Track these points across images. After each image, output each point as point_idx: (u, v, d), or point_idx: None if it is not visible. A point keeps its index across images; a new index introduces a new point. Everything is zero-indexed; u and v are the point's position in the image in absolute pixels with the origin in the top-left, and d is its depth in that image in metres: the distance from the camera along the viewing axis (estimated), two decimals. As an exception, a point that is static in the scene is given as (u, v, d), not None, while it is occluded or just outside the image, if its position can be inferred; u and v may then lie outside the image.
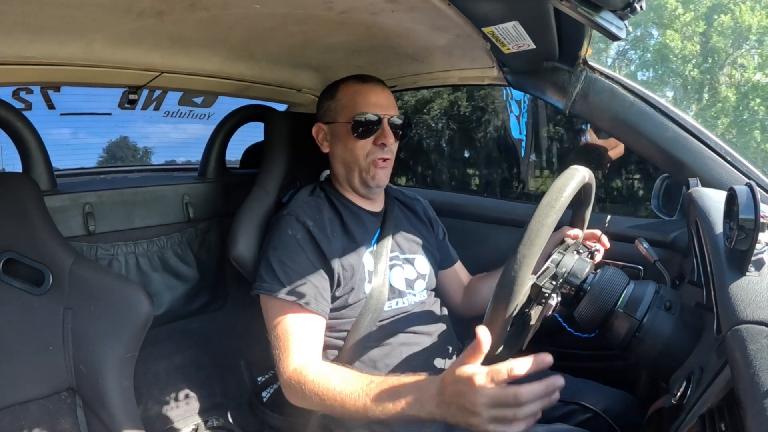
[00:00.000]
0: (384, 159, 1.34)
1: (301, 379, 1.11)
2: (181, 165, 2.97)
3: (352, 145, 1.33)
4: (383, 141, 1.32)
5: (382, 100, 1.35)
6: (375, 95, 1.34)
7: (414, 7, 1.12)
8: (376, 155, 1.33)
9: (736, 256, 0.76)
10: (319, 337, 1.23)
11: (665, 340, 0.95)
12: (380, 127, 1.32)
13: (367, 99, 1.33)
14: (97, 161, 3.48)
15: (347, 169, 1.36)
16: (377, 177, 1.34)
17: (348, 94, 1.36)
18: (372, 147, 1.33)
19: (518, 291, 0.86)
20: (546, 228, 0.86)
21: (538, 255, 0.86)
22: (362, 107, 1.32)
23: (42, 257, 1.17)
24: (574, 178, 0.94)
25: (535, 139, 5.12)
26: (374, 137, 1.32)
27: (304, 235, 1.25)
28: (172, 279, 1.66)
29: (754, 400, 0.55)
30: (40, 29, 1.08)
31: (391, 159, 1.36)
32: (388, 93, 1.38)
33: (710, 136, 1.30)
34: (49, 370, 1.16)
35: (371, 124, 1.31)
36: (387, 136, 1.32)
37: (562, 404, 1.25)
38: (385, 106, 1.34)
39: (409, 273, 1.38)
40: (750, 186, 0.76)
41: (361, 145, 1.32)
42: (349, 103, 1.34)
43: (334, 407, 1.06)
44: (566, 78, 1.35)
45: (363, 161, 1.33)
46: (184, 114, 2.02)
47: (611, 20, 0.90)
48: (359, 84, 1.37)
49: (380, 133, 1.32)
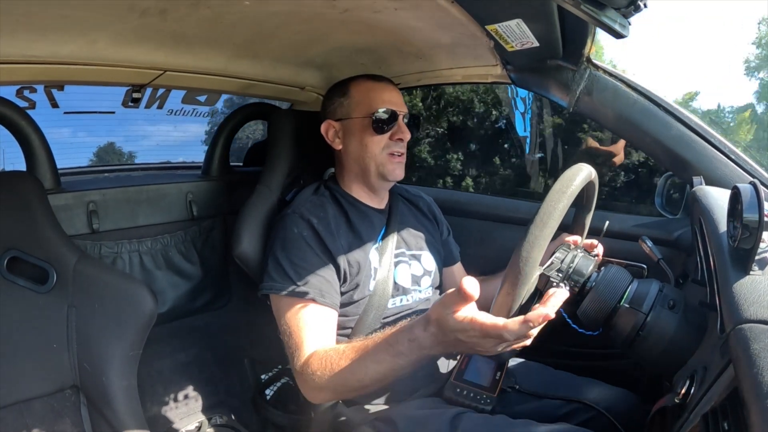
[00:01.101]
0: (400, 153, 1.36)
1: (313, 366, 1.09)
2: (185, 164, 2.97)
3: (368, 140, 1.34)
4: (400, 136, 1.35)
5: (395, 98, 1.38)
6: (389, 93, 1.37)
7: (417, 5, 1.12)
8: (392, 149, 1.35)
9: (740, 255, 0.76)
10: (332, 329, 1.22)
11: (669, 338, 0.95)
12: (396, 123, 1.35)
13: (382, 96, 1.36)
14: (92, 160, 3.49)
15: (362, 164, 1.37)
16: (396, 171, 1.36)
17: (362, 92, 1.37)
18: (388, 141, 1.35)
19: (530, 273, 0.86)
20: (558, 212, 0.87)
21: (549, 238, 0.86)
22: (379, 104, 1.34)
23: (46, 255, 1.18)
24: (583, 170, 0.95)
25: (539, 136, 5.12)
26: (391, 132, 1.34)
27: (310, 233, 1.25)
28: (176, 277, 1.67)
29: (757, 399, 0.55)
30: (44, 28, 1.08)
31: (405, 154, 1.39)
32: (399, 92, 1.41)
33: (714, 135, 1.29)
34: (53, 367, 1.17)
35: (388, 119, 1.34)
36: (404, 131, 1.35)
37: (565, 403, 1.25)
38: (398, 104, 1.37)
39: (415, 269, 1.38)
40: (754, 184, 0.76)
41: (377, 140, 1.34)
42: (364, 99, 1.36)
43: (350, 384, 1.04)
44: (570, 76, 1.35)
45: (380, 155, 1.35)
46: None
47: (615, 18, 0.90)
48: (373, 82, 1.39)
49: (397, 128, 1.35)
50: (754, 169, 1.26)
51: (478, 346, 0.88)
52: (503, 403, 1.26)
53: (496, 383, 1.25)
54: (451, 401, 1.24)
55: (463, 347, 0.90)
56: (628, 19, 0.92)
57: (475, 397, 1.23)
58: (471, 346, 0.89)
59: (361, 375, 1.02)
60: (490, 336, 0.85)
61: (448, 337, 0.89)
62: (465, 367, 1.30)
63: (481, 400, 1.22)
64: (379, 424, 1.19)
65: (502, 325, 0.83)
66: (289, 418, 1.48)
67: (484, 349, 0.89)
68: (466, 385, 1.25)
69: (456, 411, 1.17)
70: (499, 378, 1.26)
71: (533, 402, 1.28)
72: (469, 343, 0.88)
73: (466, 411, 1.18)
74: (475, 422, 1.13)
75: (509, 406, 1.27)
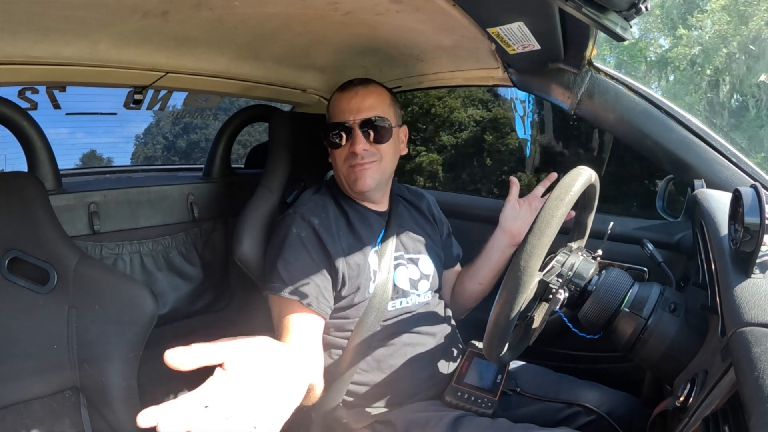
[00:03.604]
0: (360, 163, 1.30)
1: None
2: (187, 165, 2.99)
3: (332, 154, 1.34)
4: (353, 149, 1.29)
5: (354, 105, 1.30)
6: (347, 101, 1.32)
7: (419, 7, 1.12)
8: (350, 161, 1.30)
9: (741, 258, 0.76)
10: (317, 336, 1.22)
11: (669, 341, 0.95)
12: (351, 134, 1.30)
13: (339, 107, 1.32)
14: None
15: (337, 175, 1.37)
16: (359, 182, 1.31)
17: (332, 103, 1.36)
18: (348, 153, 1.30)
19: (527, 282, 0.86)
20: (556, 220, 0.87)
21: (547, 246, 0.87)
22: (334, 116, 1.32)
23: (47, 256, 1.18)
24: (582, 175, 0.94)
25: (539, 138, 5.12)
26: (349, 144, 1.30)
27: (309, 233, 1.25)
28: (177, 278, 1.67)
29: (758, 403, 0.54)
30: (46, 29, 1.08)
31: (376, 161, 1.32)
32: (367, 94, 1.33)
33: (715, 138, 1.30)
34: (53, 368, 1.17)
35: (341, 132, 1.30)
36: (356, 142, 1.28)
37: (565, 406, 1.25)
38: (354, 111, 1.30)
39: (413, 273, 1.38)
40: (755, 187, 0.76)
41: (338, 153, 1.32)
42: (331, 112, 1.35)
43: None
44: (571, 79, 1.35)
45: (343, 168, 1.32)
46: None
47: (616, 21, 0.90)
48: (339, 92, 1.35)
49: (353, 139, 1.29)
50: (756, 171, 1.27)
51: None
52: (504, 407, 1.26)
53: (497, 386, 1.25)
54: (452, 405, 1.24)
55: None
56: (629, 21, 0.92)
57: (476, 400, 1.23)
58: None
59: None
60: None
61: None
62: (466, 370, 1.30)
63: (482, 404, 1.22)
64: (379, 427, 1.19)
65: None
66: (288, 420, 1.48)
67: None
68: (467, 388, 1.25)
69: (457, 414, 1.17)
70: (500, 381, 1.26)
71: (534, 405, 1.28)
72: None
73: (467, 414, 1.18)
74: (476, 426, 1.13)
75: (510, 409, 1.27)
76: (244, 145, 1.93)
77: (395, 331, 1.30)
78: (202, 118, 2.34)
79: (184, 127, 5.83)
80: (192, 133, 5.87)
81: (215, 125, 2.97)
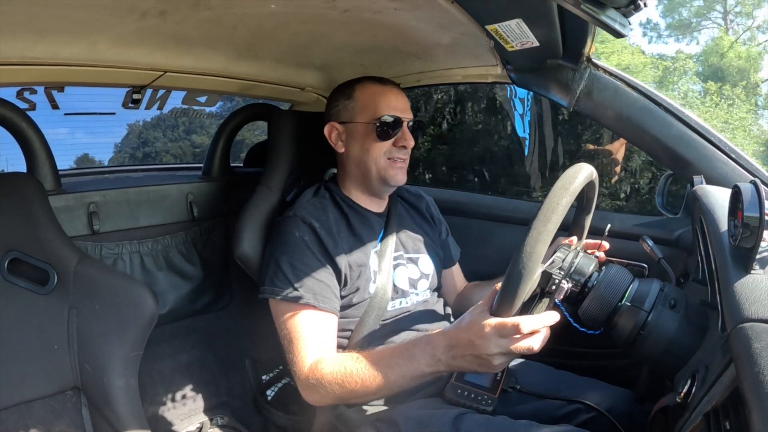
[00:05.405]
0: (402, 159, 1.35)
1: (317, 374, 1.12)
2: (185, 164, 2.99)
3: (370, 145, 1.34)
4: (403, 143, 1.34)
5: (401, 104, 1.36)
6: (395, 98, 1.36)
7: (417, 5, 1.12)
8: (393, 154, 1.34)
9: (741, 254, 0.76)
10: (332, 334, 1.23)
11: (670, 338, 0.95)
12: (400, 130, 1.33)
13: (388, 101, 1.34)
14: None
15: (363, 168, 1.36)
16: (398, 176, 1.35)
17: (367, 95, 1.36)
18: (390, 147, 1.34)
19: (533, 267, 0.86)
20: (561, 208, 0.87)
21: (552, 233, 0.86)
22: (384, 109, 1.33)
23: (47, 257, 1.18)
24: (584, 169, 0.95)
25: (539, 136, 5.10)
26: (394, 139, 1.34)
27: (311, 236, 1.26)
28: (177, 278, 1.67)
29: (758, 399, 0.55)
30: (44, 30, 1.08)
31: (407, 160, 1.38)
32: (405, 96, 1.39)
33: (715, 134, 1.29)
34: (54, 369, 1.17)
35: (393, 126, 1.33)
36: (407, 138, 1.34)
37: (566, 403, 1.25)
38: (403, 110, 1.35)
39: (412, 272, 1.38)
40: (755, 183, 0.76)
41: (380, 145, 1.33)
42: (369, 103, 1.34)
43: (356, 390, 1.09)
44: (570, 75, 1.35)
45: (382, 160, 1.34)
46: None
47: (615, 17, 0.90)
48: (379, 86, 1.37)
49: (401, 135, 1.34)
50: (755, 167, 1.26)
51: (487, 349, 0.93)
52: (504, 404, 1.26)
53: (497, 384, 1.25)
54: (452, 402, 1.24)
55: (473, 350, 0.96)
56: (628, 18, 0.92)
57: (476, 398, 1.23)
58: (481, 350, 0.94)
59: (370, 380, 1.07)
60: (505, 333, 0.91)
61: (461, 339, 0.97)
62: (466, 368, 1.30)
63: (482, 401, 1.22)
64: (380, 425, 1.19)
65: (516, 322, 0.90)
66: (290, 419, 1.48)
67: (491, 354, 0.94)
68: (467, 385, 1.25)
69: (457, 411, 1.17)
70: (500, 379, 1.26)
71: (534, 402, 1.28)
72: (480, 346, 0.94)
73: (467, 412, 1.18)
74: (476, 423, 1.13)
75: (510, 406, 1.27)
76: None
77: (395, 329, 1.31)
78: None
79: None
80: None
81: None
